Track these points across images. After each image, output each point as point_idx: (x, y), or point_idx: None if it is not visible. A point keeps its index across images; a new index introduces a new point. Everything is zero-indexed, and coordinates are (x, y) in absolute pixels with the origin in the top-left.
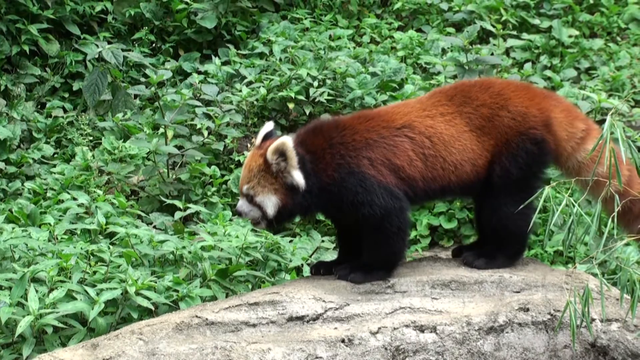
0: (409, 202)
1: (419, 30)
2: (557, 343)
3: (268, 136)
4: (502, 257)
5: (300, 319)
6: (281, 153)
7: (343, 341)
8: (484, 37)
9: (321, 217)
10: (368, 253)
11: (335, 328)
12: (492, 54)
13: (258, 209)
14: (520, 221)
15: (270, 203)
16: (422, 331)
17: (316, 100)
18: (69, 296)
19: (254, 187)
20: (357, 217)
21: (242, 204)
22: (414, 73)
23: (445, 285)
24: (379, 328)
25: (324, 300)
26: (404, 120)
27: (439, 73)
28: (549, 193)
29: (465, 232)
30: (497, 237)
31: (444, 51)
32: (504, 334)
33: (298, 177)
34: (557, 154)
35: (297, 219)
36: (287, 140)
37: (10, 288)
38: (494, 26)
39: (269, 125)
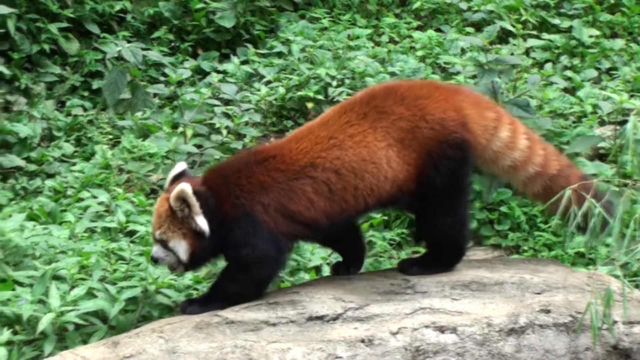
0: (291, 251)
1: (437, 30)
2: (579, 345)
3: (178, 177)
4: (439, 265)
5: (320, 318)
6: (182, 200)
7: (363, 341)
8: (503, 37)
9: None
10: (221, 285)
11: (355, 328)
12: (512, 54)
13: (173, 254)
14: (455, 230)
15: (182, 248)
16: (442, 332)
17: (335, 99)
18: (90, 294)
19: (165, 233)
20: (233, 254)
21: (157, 250)
22: (433, 73)
23: (466, 286)
24: (399, 328)
25: (343, 300)
26: (306, 160)
27: (458, 73)
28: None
29: (486, 233)
30: (435, 247)
31: (463, 51)
32: (525, 336)
33: (202, 223)
34: (475, 150)
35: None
36: (186, 187)
37: (31, 285)
38: (513, 26)
39: (179, 166)
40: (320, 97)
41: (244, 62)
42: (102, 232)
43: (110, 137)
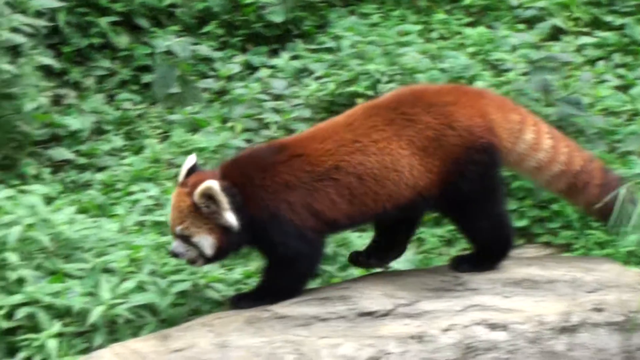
0: (325, 242)
1: (488, 26)
2: (632, 344)
3: (191, 171)
4: (488, 262)
5: (371, 314)
6: (209, 197)
7: (413, 338)
8: (555, 34)
9: None
10: (267, 280)
11: (406, 324)
12: (563, 52)
13: (195, 249)
14: (496, 229)
15: (208, 243)
16: (494, 329)
17: None
18: (140, 287)
19: (189, 228)
20: (269, 253)
21: (177, 246)
22: (484, 70)
23: (517, 283)
24: (450, 325)
25: (394, 296)
26: (331, 162)
27: (509, 70)
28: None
29: (537, 230)
30: (481, 247)
31: (514, 48)
32: (577, 334)
33: (231, 219)
34: (501, 152)
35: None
36: (214, 184)
37: (82, 278)
38: (565, 23)
39: (191, 159)
40: (370, 93)
41: (293, 58)
42: (151, 225)
43: (160, 131)
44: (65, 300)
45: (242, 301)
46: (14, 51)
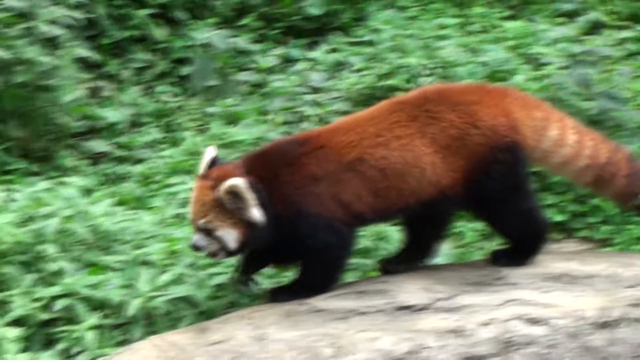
0: (354, 233)
1: (528, 20)
2: None
3: (212, 163)
4: (524, 255)
5: (409, 308)
6: (235, 194)
7: (452, 332)
8: (594, 27)
9: None
10: (303, 276)
11: (445, 318)
12: (603, 45)
13: (217, 242)
14: (527, 224)
15: (232, 237)
16: (533, 324)
17: None
18: (178, 279)
19: (212, 222)
20: (299, 248)
21: (198, 239)
22: (523, 63)
23: (556, 278)
24: (489, 320)
25: (433, 290)
26: (354, 154)
27: (548, 64)
28: None
29: (577, 225)
30: (515, 242)
31: (553, 41)
32: (617, 329)
33: (257, 215)
34: (526, 150)
35: None
36: (240, 182)
37: (120, 270)
38: (605, 17)
39: (211, 151)
40: (408, 86)
41: (332, 50)
42: None
43: (198, 123)
44: (104, 292)
45: (280, 294)
46: (52, 43)
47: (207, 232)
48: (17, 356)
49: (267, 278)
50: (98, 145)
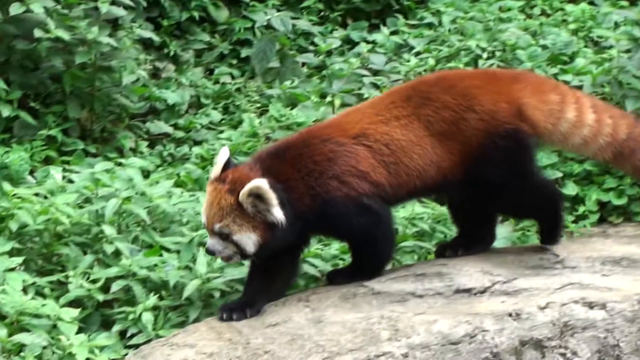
0: (386, 207)
1: (590, 3)
2: None
3: (227, 166)
4: (553, 231)
5: (467, 291)
6: (257, 196)
7: (510, 315)
8: None
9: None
10: (356, 260)
11: (503, 302)
12: None
13: (234, 246)
14: (540, 203)
15: (250, 241)
16: (592, 308)
17: None
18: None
19: (229, 226)
20: (340, 237)
21: (214, 243)
22: (586, 47)
23: (616, 262)
24: (547, 303)
25: (491, 274)
26: (357, 129)
27: (611, 47)
28: None
29: (636, 209)
30: (538, 220)
31: (616, 25)
32: None
33: (279, 215)
34: (538, 136)
35: None
36: (262, 184)
37: (178, 252)
38: None
39: (224, 153)
40: (470, 68)
41: (393, 33)
42: None
43: (258, 105)
44: (161, 274)
45: (338, 277)
46: (114, 24)
47: (224, 236)
48: (74, 337)
49: (325, 261)
50: (158, 126)
